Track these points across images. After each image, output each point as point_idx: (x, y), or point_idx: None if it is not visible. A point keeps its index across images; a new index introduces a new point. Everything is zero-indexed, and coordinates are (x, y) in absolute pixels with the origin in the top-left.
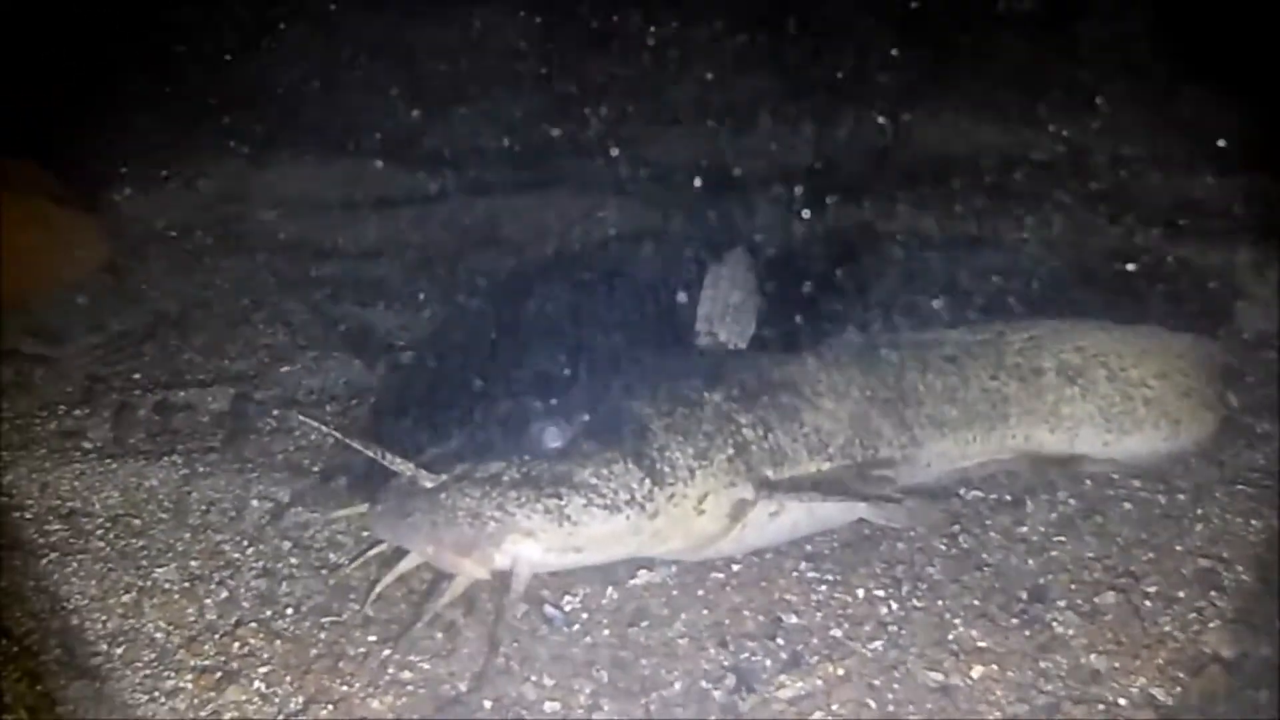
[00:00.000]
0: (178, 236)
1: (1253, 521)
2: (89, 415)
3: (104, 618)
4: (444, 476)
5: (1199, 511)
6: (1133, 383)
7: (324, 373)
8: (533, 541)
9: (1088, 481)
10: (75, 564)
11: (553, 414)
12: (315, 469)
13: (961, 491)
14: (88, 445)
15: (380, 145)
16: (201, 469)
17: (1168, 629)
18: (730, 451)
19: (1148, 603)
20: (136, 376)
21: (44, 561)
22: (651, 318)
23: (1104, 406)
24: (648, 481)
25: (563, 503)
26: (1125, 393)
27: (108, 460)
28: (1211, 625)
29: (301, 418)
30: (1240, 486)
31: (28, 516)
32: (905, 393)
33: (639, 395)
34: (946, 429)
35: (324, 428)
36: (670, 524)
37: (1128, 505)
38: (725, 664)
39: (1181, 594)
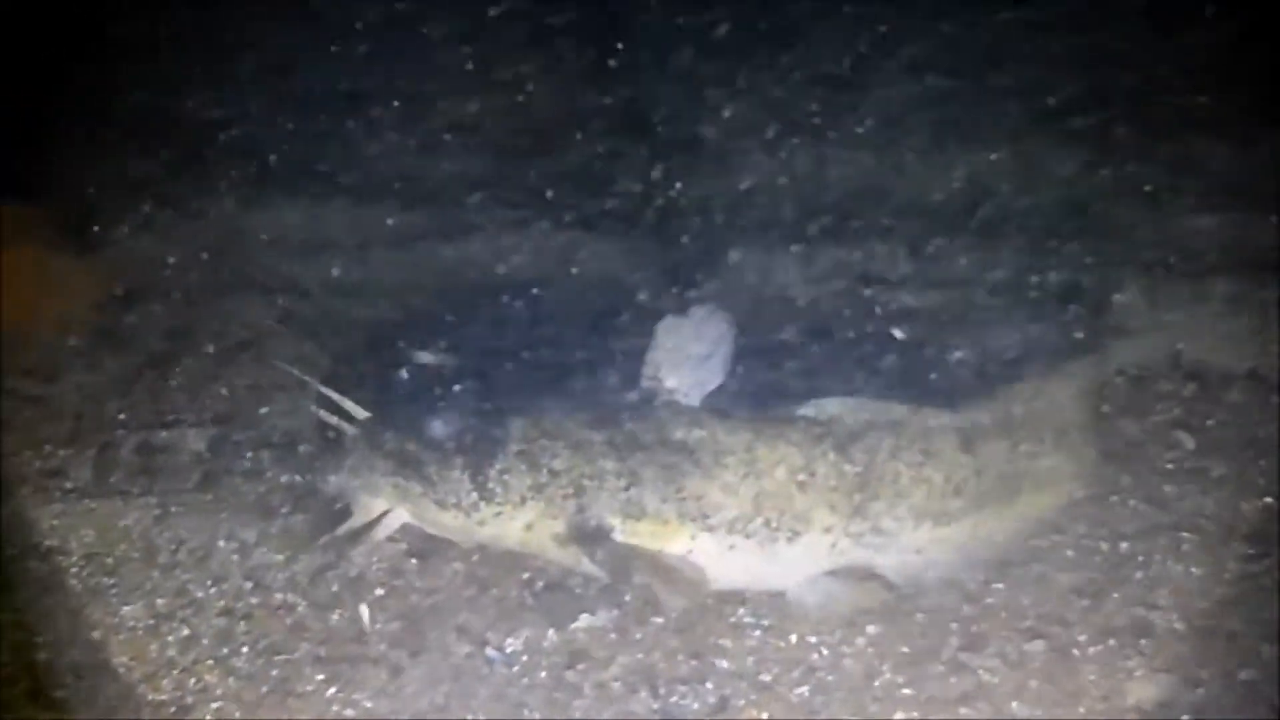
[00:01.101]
0: (170, 276)
1: (1193, 569)
2: (73, 455)
3: (73, 652)
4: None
5: (1140, 559)
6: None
7: (300, 413)
8: (389, 503)
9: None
10: (50, 600)
11: (452, 414)
12: (284, 510)
13: None
14: (69, 485)
15: (372, 184)
16: (175, 509)
17: (1093, 678)
18: (569, 490)
19: (1076, 651)
20: (122, 416)
21: (21, 598)
22: (607, 358)
23: None
24: (475, 494)
25: (407, 485)
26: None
27: (87, 500)
28: (1137, 675)
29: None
30: (1184, 534)
31: (9, 554)
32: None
33: (519, 418)
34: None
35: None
36: (501, 534)
37: (1070, 552)
38: (655, 707)
39: (1111, 642)
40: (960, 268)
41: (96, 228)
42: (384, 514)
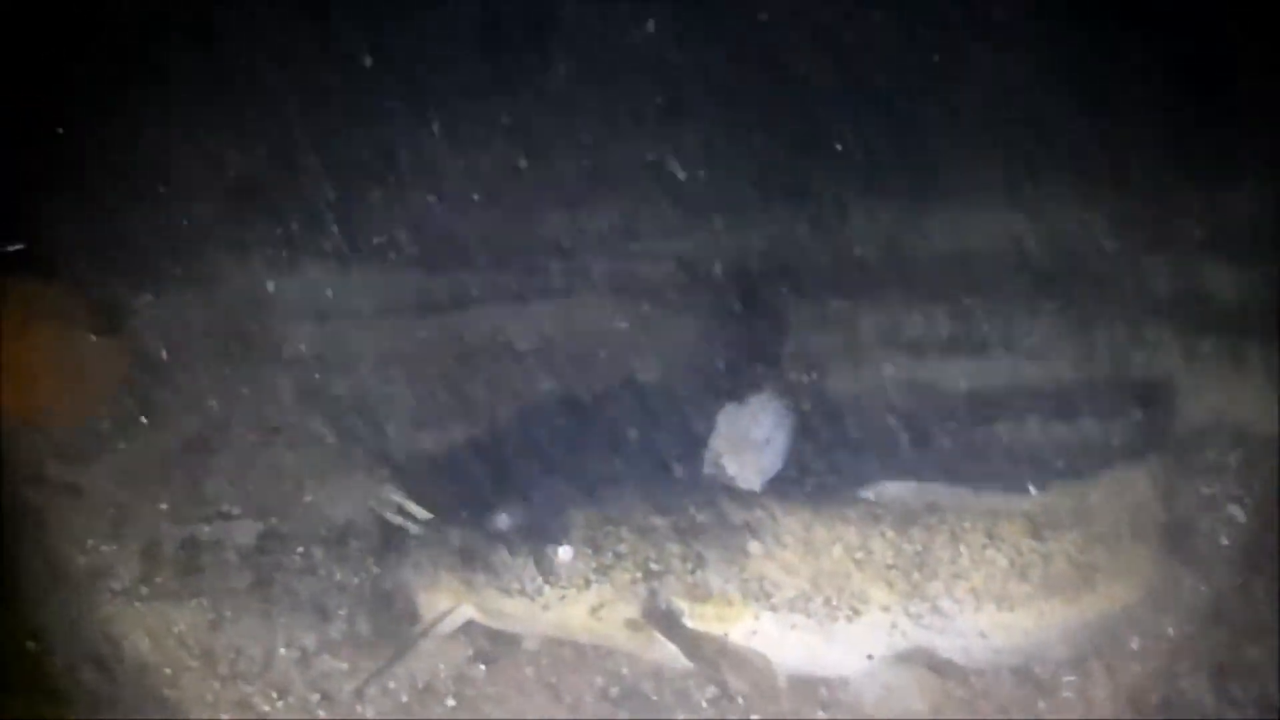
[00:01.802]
0: (197, 349)
1: (1258, 649)
2: (117, 551)
3: None
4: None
5: (1207, 644)
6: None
7: (349, 501)
8: (455, 598)
9: None
10: (106, 713)
11: (515, 506)
12: (341, 612)
13: None
14: (116, 586)
15: (399, 251)
16: (229, 613)
17: None
18: (637, 575)
19: None
20: (163, 507)
21: (75, 709)
22: (666, 441)
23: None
24: (539, 579)
25: (472, 575)
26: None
27: (136, 603)
28: None
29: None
30: (1246, 615)
31: (59, 663)
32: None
33: (584, 504)
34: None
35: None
36: (566, 618)
37: (1135, 643)
38: None
39: None
40: (1004, 331)
41: (116, 300)
42: (448, 610)
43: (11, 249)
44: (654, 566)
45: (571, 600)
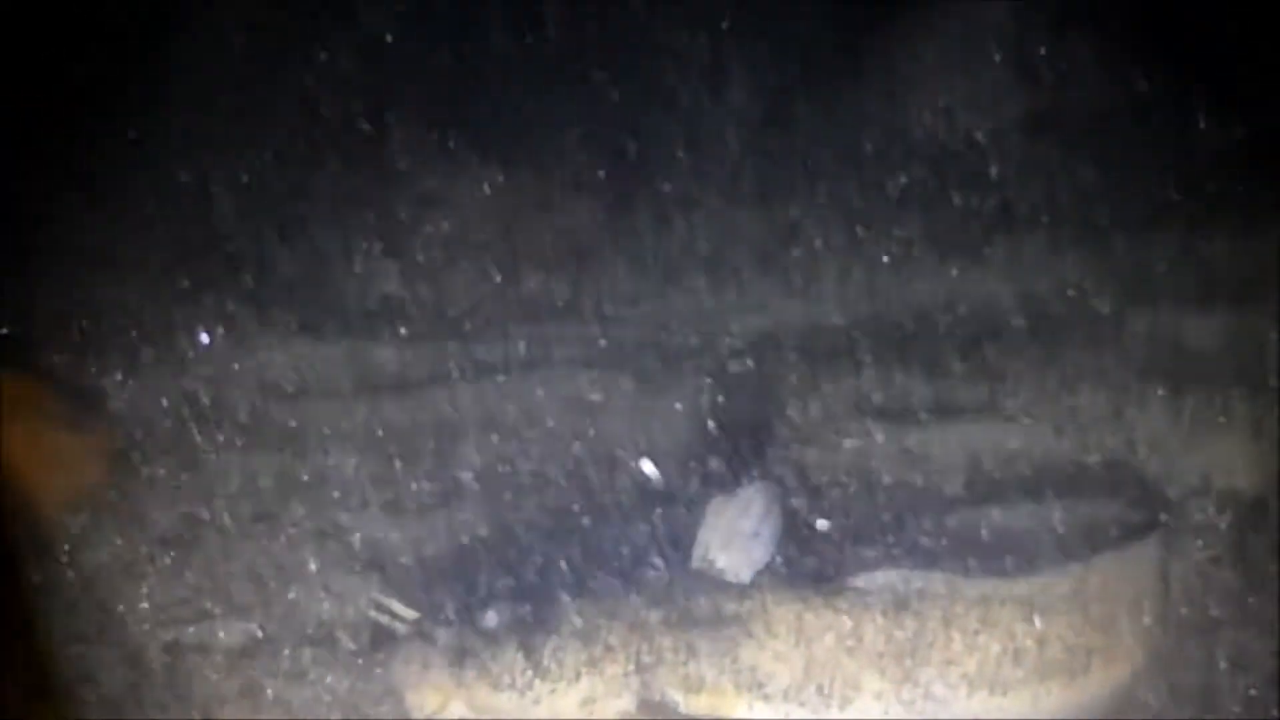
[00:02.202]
0: (171, 434)
1: None
2: (101, 657)
3: None
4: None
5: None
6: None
7: (333, 597)
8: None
9: None
10: None
11: (502, 602)
12: (333, 717)
13: None
14: (104, 692)
15: (370, 323)
16: None
17: None
18: (629, 667)
19: None
20: (144, 607)
21: None
22: (653, 532)
23: None
24: (529, 673)
25: (461, 673)
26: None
27: (125, 712)
28: None
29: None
30: (1253, 693)
31: None
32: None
33: (575, 597)
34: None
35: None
36: (557, 712)
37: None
38: None
39: None
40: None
41: (90, 388)
42: (437, 709)
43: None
44: (645, 659)
45: (562, 693)
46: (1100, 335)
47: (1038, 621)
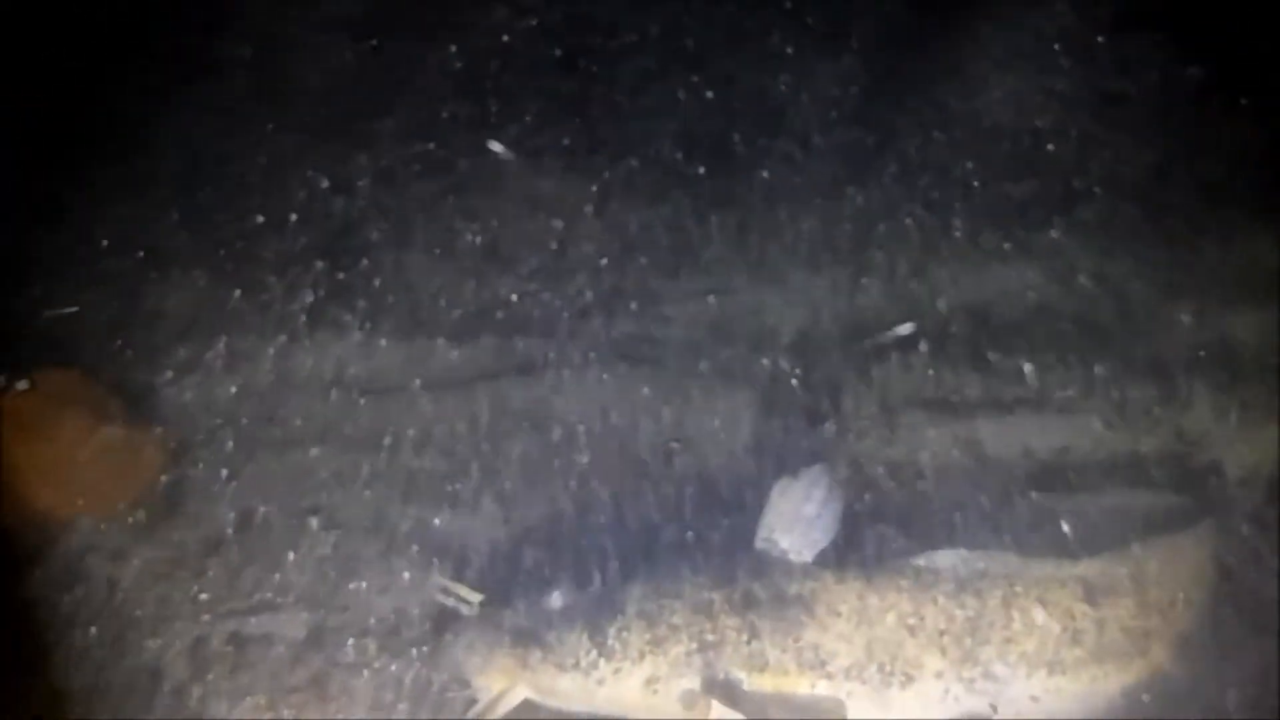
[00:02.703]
0: (227, 431)
1: None
2: (164, 648)
3: None
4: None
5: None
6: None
7: (396, 588)
8: (509, 678)
9: None
10: None
11: (567, 583)
12: (401, 706)
13: None
14: (167, 686)
15: (429, 320)
16: (287, 712)
17: None
18: (693, 646)
19: None
20: (204, 598)
21: None
22: (719, 515)
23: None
24: (594, 653)
25: (526, 653)
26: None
27: (190, 702)
28: None
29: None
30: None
31: None
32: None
33: (638, 580)
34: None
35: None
36: (621, 693)
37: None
38: None
39: None
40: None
41: (142, 385)
42: (503, 692)
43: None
44: (709, 638)
45: (626, 673)
46: (1149, 327)
47: (1098, 603)
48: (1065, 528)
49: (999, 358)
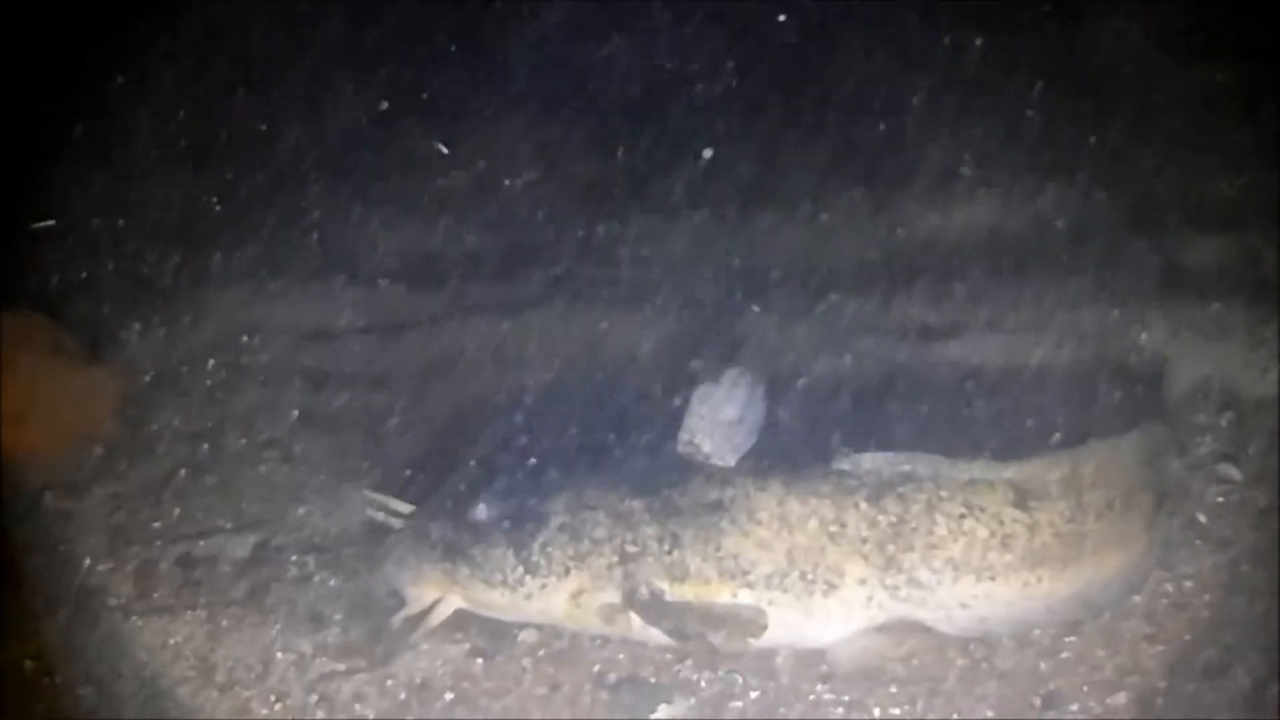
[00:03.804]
0: (187, 372)
1: (1256, 603)
2: (112, 570)
3: None
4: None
5: (1205, 598)
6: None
7: (341, 514)
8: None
9: None
10: None
11: (492, 495)
12: (337, 617)
13: None
14: (113, 602)
15: (383, 266)
16: (226, 623)
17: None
18: (614, 559)
19: (1160, 700)
20: (156, 526)
21: None
22: (638, 425)
23: None
24: (520, 569)
25: (454, 569)
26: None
27: (134, 618)
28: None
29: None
30: (1245, 568)
31: (58, 681)
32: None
33: (560, 492)
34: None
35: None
36: (549, 606)
37: (1135, 599)
38: None
39: (1191, 688)
40: (988, 312)
41: (105, 330)
42: (436, 602)
43: (41, 226)
44: (630, 549)
45: (553, 589)
46: (1101, 256)
47: (1029, 508)
48: (995, 429)
49: (950, 284)
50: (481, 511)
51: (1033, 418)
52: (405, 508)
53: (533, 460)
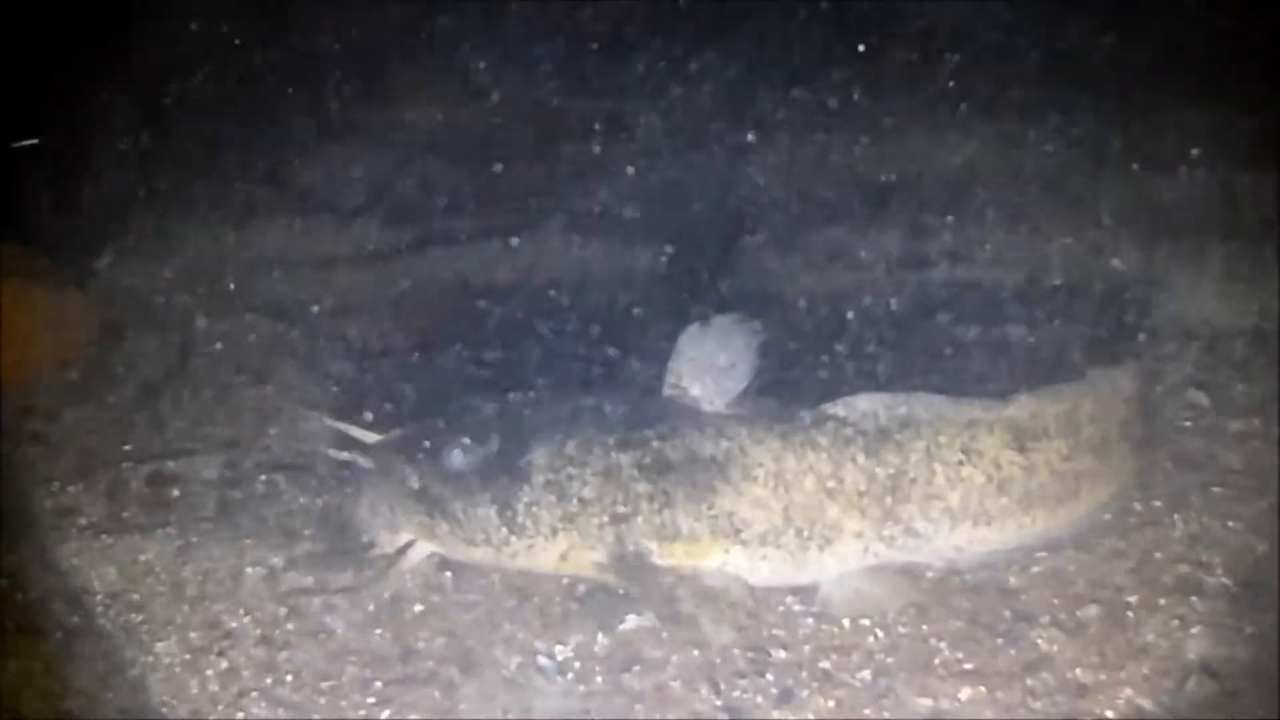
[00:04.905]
0: (163, 302)
1: (1229, 523)
2: (84, 491)
3: (110, 695)
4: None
5: (1175, 517)
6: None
7: (311, 434)
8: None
9: None
10: (81, 644)
11: (473, 441)
12: (306, 532)
13: None
14: (84, 522)
15: (353, 200)
16: (196, 539)
17: (1151, 639)
18: (604, 519)
19: (1130, 614)
20: (128, 448)
21: (51, 642)
22: (623, 365)
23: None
24: (504, 530)
25: (433, 523)
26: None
27: (104, 536)
28: (1194, 631)
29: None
30: (1216, 489)
31: (32, 597)
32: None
33: (545, 443)
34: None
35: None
36: (535, 563)
37: (1106, 516)
38: (718, 704)
39: (1162, 602)
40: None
41: (82, 260)
42: (409, 544)
43: (25, 144)
44: (621, 509)
45: (540, 549)
46: (1076, 192)
47: (1026, 448)
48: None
49: (932, 218)
50: (457, 458)
51: (1022, 351)
52: (371, 437)
53: (511, 396)
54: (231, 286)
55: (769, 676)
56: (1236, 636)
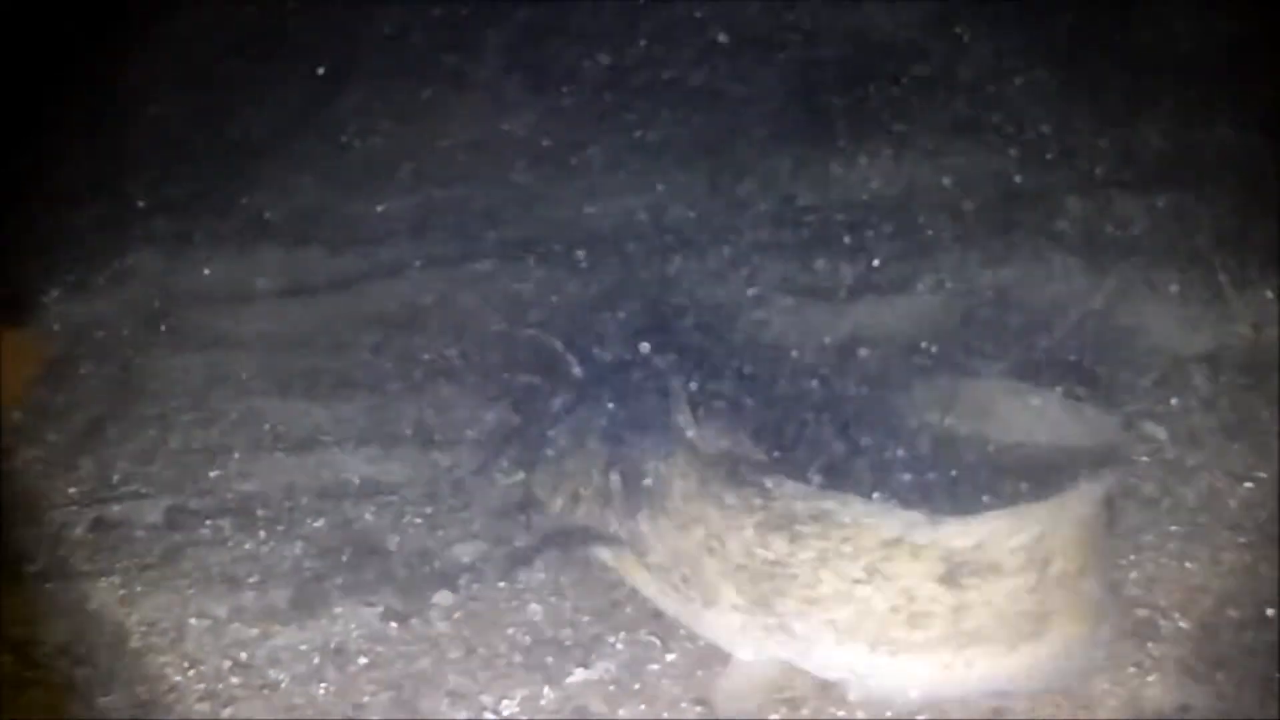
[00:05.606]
0: (106, 337)
1: (1187, 564)
2: (30, 537)
3: None
4: None
5: (1132, 558)
6: None
7: (256, 475)
8: None
9: None
10: (28, 697)
11: None
12: (251, 580)
13: None
14: (32, 569)
15: (300, 229)
16: (140, 588)
17: (1106, 686)
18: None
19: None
20: (72, 492)
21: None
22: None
23: None
24: None
25: None
26: None
27: (49, 585)
28: (1150, 679)
29: None
30: (1173, 528)
31: None
32: None
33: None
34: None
35: None
36: None
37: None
38: None
39: (1119, 647)
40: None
41: (28, 296)
42: None
43: None
44: (582, 491)
45: None
46: (1029, 217)
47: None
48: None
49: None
50: None
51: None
52: None
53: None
54: (177, 320)
55: None
56: (1195, 684)
